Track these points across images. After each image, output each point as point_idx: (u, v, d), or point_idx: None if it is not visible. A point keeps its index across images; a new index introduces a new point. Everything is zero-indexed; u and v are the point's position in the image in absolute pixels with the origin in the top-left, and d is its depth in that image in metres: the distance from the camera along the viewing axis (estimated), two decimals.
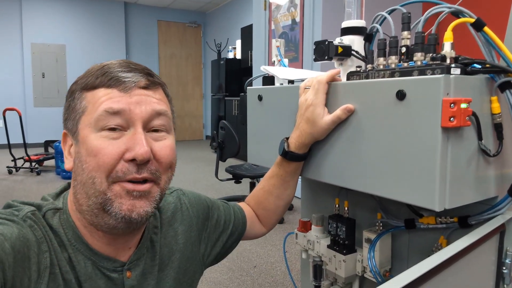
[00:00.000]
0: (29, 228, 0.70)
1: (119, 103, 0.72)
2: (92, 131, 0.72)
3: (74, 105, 0.76)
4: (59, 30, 9.15)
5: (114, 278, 0.79)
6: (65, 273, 0.72)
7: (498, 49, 0.76)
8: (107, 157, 0.70)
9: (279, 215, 1.16)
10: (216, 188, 5.26)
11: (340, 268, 1.09)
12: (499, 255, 0.85)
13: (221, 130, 3.90)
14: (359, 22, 1.01)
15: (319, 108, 0.92)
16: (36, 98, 9.07)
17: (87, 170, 0.72)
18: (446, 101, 0.69)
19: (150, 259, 0.87)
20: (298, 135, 0.97)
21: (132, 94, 0.73)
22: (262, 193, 1.13)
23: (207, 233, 1.03)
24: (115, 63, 0.77)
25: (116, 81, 0.73)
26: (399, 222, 1.00)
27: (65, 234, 0.75)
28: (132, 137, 0.72)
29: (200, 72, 11.21)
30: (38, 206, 0.76)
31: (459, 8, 0.78)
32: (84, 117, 0.74)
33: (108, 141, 0.71)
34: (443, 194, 0.72)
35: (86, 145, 0.72)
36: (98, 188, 0.71)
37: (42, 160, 6.43)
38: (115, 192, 0.72)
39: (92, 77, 0.75)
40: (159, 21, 10.49)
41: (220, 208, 1.08)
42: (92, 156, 0.71)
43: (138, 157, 0.71)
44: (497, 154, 0.79)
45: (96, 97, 0.73)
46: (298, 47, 4.44)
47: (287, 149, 1.00)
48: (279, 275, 2.76)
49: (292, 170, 1.04)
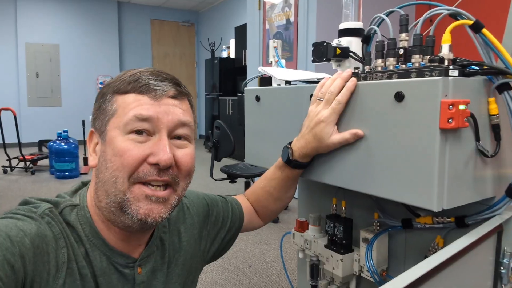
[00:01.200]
0: (47, 225, 0.73)
1: (149, 111, 0.75)
2: (120, 133, 0.75)
3: (104, 106, 0.79)
4: (53, 30, 9.12)
5: (126, 274, 0.82)
6: (82, 268, 0.75)
7: (496, 50, 0.77)
8: (132, 158, 0.74)
9: (277, 213, 1.19)
10: (211, 188, 5.26)
11: (337, 268, 1.09)
12: (496, 255, 0.86)
13: (216, 130, 3.90)
14: (356, 24, 1.02)
15: (330, 127, 0.90)
16: (30, 97, 9.03)
17: (111, 169, 0.75)
18: (445, 102, 0.69)
19: (160, 257, 0.90)
20: (302, 146, 0.96)
21: (161, 102, 0.77)
22: (262, 192, 1.14)
23: (207, 230, 1.05)
24: (147, 71, 0.80)
25: (147, 88, 0.77)
26: (396, 222, 1.01)
27: (83, 229, 0.78)
28: (157, 142, 0.76)
29: (194, 71, 11.20)
30: (55, 203, 0.79)
31: (458, 10, 0.79)
32: (113, 119, 0.77)
33: (134, 144, 0.75)
34: (441, 194, 0.73)
35: (113, 145, 0.75)
36: (119, 187, 0.75)
37: (36, 159, 6.41)
38: (134, 194, 0.75)
39: (125, 82, 0.78)
40: (152, 20, 10.47)
41: (218, 205, 1.10)
42: (118, 156, 0.74)
43: (161, 162, 0.74)
44: (495, 155, 0.79)
45: (127, 102, 0.77)
46: (292, 47, 4.44)
47: (291, 158, 1.00)
48: (275, 275, 2.77)
49: (294, 175, 1.05)
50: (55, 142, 5.93)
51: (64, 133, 5.99)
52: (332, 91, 0.90)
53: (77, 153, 5.97)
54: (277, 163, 1.06)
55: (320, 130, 0.91)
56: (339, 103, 0.88)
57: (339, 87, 0.89)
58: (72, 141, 5.95)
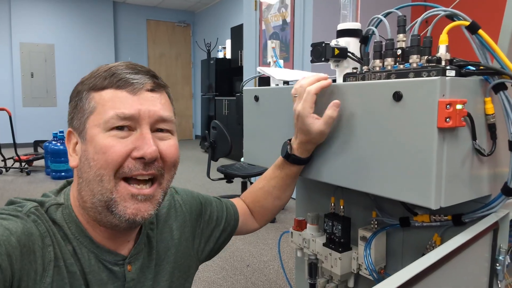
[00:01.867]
0: (33, 223, 0.72)
1: (130, 109, 0.75)
2: (100, 130, 0.74)
3: (82, 105, 0.78)
4: (48, 30, 9.09)
5: (116, 271, 0.82)
6: (70, 266, 0.75)
7: (492, 51, 0.78)
8: (116, 154, 0.73)
9: (275, 214, 1.18)
10: (207, 188, 5.26)
11: (336, 266, 1.10)
12: (492, 252, 0.87)
13: (213, 130, 3.90)
14: (354, 25, 1.03)
15: (308, 118, 0.92)
16: (25, 98, 8.99)
17: (95, 168, 0.74)
18: (442, 102, 0.71)
19: (147, 254, 0.90)
20: (299, 142, 0.98)
21: (140, 97, 0.76)
22: (261, 192, 1.14)
23: (200, 228, 1.05)
24: (122, 65, 0.79)
25: (124, 83, 0.76)
26: (393, 220, 1.02)
27: (69, 228, 0.78)
28: (140, 136, 0.75)
29: (190, 72, 11.19)
30: (41, 202, 0.79)
31: (454, 11, 0.80)
32: (92, 117, 0.76)
33: (117, 140, 0.74)
34: (439, 192, 0.74)
35: (95, 143, 0.74)
36: (106, 185, 0.74)
37: (31, 160, 6.39)
38: (120, 194, 0.75)
39: (100, 78, 0.77)
40: (148, 20, 10.45)
41: (212, 204, 1.10)
42: (101, 153, 0.73)
43: (147, 155, 0.74)
44: (491, 154, 0.81)
45: (105, 98, 0.76)
46: (288, 48, 4.45)
47: (290, 152, 1.01)
48: (272, 274, 2.78)
49: (294, 173, 1.06)
50: (51, 142, 5.91)
51: (60, 134, 5.97)
52: (302, 84, 0.93)
53: None
54: (276, 162, 1.07)
55: (302, 124, 0.93)
56: (309, 93, 0.91)
57: (311, 81, 0.93)
58: None
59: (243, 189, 4.71)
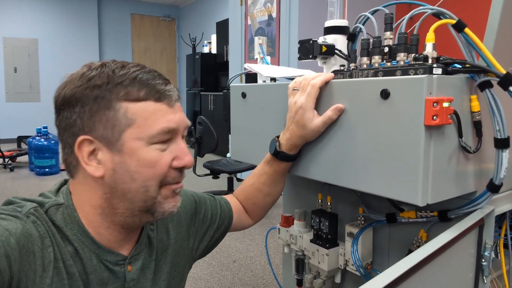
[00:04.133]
0: (32, 224, 0.72)
1: (173, 123, 0.78)
2: (144, 144, 0.76)
3: (111, 114, 0.75)
4: (31, 24, 8.93)
5: (117, 271, 0.83)
6: (69, 267, 0.75)
7: (478, 49, 0.79)
8: (163, 167, 0.78)
9: (267, 210, 1.19)
10: (193, 183, 5.25)
11: (323, 262, 1.11)
12: (478, 248, 0.88)
13: (198, 126, 3.89)
14: (342, 22, 1.03)
15: (309, 112, 0.92)
16: (8, 93, 8.85)
17: (140, 180, 0.76)
18: (429, 100, 0.71)
19: (148, 255, 0.90)
20: (288, 137, 0.98)
21: (175, 109, 0.80)
22: (251, 189, 1.14)
23: (195, 227, 1.06)
24: (146, 70, 0.78)
25: (162, 95, 0.78)
26: (380, 216, 1.03)
27: (70, 228, 0.78)
28: (177, 147, 0.80)
29: (175, 67, 11.13)
30: (40, 202, 0.78)
31: (441, 9, 0.81)
32: (131, 130, 0.75)
33: (161, 153, 0.77)
34: (426, 189, 0.75)
35: (138, 156, 0.76)
36: (151, 194, 0.78)
37: (15, 156, 6.30)
38: (164, 195, 0.80)
39: (130, 86, 0.75)
40: (132, 15, 10.35)
41: (207, 202, 1.10)
42: (147, 167, 0.76)
43: (188, 165, 0.81)
44: (477, 151, 0.82)
45: (148, 111, 0.76)
46: (274, 43, 4.45)
47: (278, 149, 1.01)
48: (259, 269, 2.78)
49: (282, 169, 1.06)
50: (35, 138, 5.83)
51: (44, 129, 5.89)
52: (306, 77, 0.94)
53: (57, 149, 5.85)
54: (265, 158, 1.07)
55: (300, 117, 0.93)
56: (313, 87, 0.92)
57: (315, 76, 0.94)
58: (52, 137, 5.85)
59: (229, 184, 4.70)
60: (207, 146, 3.87)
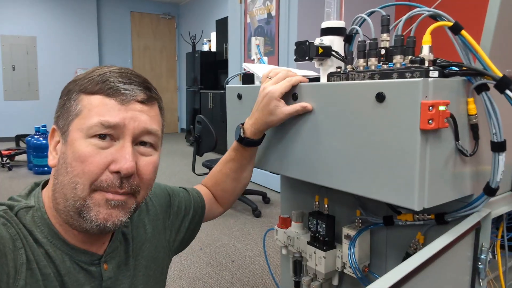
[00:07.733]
0: (3, 226, 0.71)
1: (116, 117, 0.73)
2: (82, 136, 0.73)
3: (69, 105, 0.77)
4: (29, 22, 8.89)
5: (92, 271, 0.82)
6: (43, 268, 0.74)
7: (475, 52, 0.78)
8: (94, 166, 0.72)
9: (236, 196, 1.21)
10: (192, 182, 5.24)
11: (320, 264, 1.11)
12: (474, 251, 0.88)
13: (197, 125, 3.88)
14: (338, 23, 1.02)
15: (275, 100, 0.97)
16: (6, 91, 8.82)
17: (71, 174, 0.73)
18: (425, 104, 0.71)
19: (124, 252, 0.90)
20: (253, 122, 1.03)
21: (128, 107, 0.75)
22: (220, 175, 1.16)
23: (170, 220, 1.06)
24: (117, 72, 0.78)
25: (115, 91, 0.75)
26: (377, 219, 1.02)
27: (41, 231, 0.77)
28: (120, 149, 0.74)
29: (175, 65, 11.11)
30: (10, 205, 0.77)
31: (438, 11, 0.80)
32: (77, 120, 0.75)
33: (96, 150, 0.73)
34: (422, 194, 0.74)
35: (74, 148, 0.73)
36: (79, 194, 0.73)
37: (13, 155, 6.27)
38: (95, 200, 0.74)
39: (93, 82, 0.76)
40: (132, 13, 10.32)
41: (180, 195, 1.11)
42: (79, 161, 0.72)
43: (123, 171, 0.73)
44: (473, 154, 0.81)
45: (93, 104, 0.74)
46: (274, 41, 4.44)
47: (243, 135, 1.05)
48: (258, 270, 2.78)
49: (248, 154, 1.10)
50: (33, 136, 5.81)
51: (43, 128, 5.88)
52: (285, 71, 1.00)
53: None
54: (232, 145, 1.11)
55: (268, 103, 0.98)
56: (289, 82, 0.98)
57: (293, 74, 1.00)
58: None
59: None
60: (206, 145, 3.86)
